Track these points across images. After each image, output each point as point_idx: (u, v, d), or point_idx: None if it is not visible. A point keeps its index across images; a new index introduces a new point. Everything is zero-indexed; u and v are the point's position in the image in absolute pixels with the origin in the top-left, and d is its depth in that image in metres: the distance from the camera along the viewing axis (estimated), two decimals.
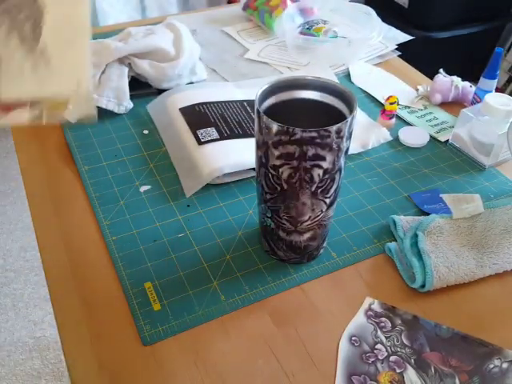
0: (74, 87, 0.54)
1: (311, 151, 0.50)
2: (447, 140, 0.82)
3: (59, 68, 0.52)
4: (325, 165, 0.51)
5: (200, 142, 0.74)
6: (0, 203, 1.93)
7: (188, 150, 0.74)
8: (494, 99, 0.74)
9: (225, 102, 0.83)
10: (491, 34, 2.14)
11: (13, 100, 0.52)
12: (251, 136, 0.76)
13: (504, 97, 0.75)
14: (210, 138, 0.75)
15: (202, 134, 0.76)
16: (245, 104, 0.83)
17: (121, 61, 0.87)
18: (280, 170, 0.52)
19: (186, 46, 0.91)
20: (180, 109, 0.81)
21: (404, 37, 1.12)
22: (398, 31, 1.14)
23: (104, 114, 0.85)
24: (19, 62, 0.50)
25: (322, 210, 0.56)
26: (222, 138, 0.75)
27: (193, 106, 0.82)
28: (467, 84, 0.90)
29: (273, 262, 0.62)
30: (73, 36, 0.52)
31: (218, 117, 0.79)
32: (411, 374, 0.51)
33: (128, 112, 0.87)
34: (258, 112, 0.51)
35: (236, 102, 0.83)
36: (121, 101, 0.85)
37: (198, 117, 0.79)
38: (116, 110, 0.85)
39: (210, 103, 0.81)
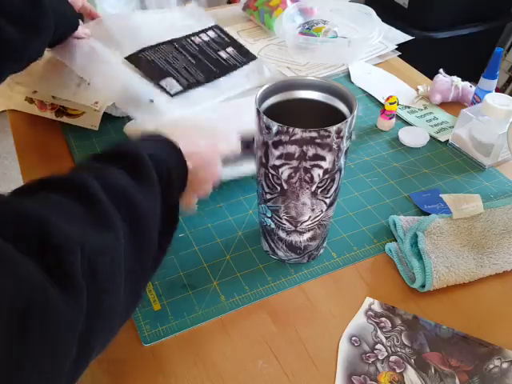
0: (94, 105, 0.80)
1: (311, 151, 0.50)
2: (447, 140, 0.82)
3: (93, 90, 0.80)
4: (325, 165, 0.51)
5: (171, 95, 0.74)
6: None
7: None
8: (494, 99, 0.74)
9: (156, 45, 0.81)
10: (491, 34, 2.13)
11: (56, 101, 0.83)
12: (210, 80, 0.77)
13: (504, 97, 0.75)
14: (176, 90, 0.74)
15: (166, 85, 0.75)
16: (175, 45, 0.82)
17: None
18: (280, 170, 0.52)
19: None
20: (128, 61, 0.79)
21: (404, 37, 1.12)
22: (398, 31, 1.14)
23: (104, 114, 0.84)
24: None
25: (322, 210, 0.56)
26: (188, 87, 0.75)
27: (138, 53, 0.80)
28: (467, 84, 0.90)
29: (273, 262, 0.62)
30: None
31: (165, 64, 0.79)
32: (411, 374, 0.51)
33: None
34: (258, 112, 0.51)
35: (164, 44, 0.82)
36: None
37: (150, 68, 0.78)
38: (113, 114, 0.85)
39: (150, 48, 0.80)
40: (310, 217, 0.55)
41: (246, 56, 0.83)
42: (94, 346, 0.36)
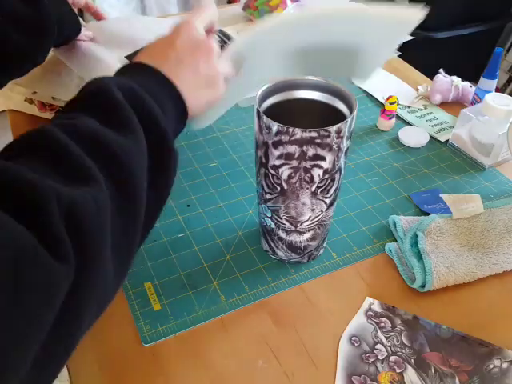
0: None
1: (311, 151, 0.50)
2: (447, 140, 0.82)
3: None
4: (325, 165, 0.51)
5: None
6: None
7: None
8: (494, 99, 0.74)
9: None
10: (491, 34, 2.13)
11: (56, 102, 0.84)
12: None
13: (504, 97, 0.75)
14: None
15: None
16: None
17: None
18: (280, 170, 0.52)
19: None
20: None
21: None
22: None
23: None
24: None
25: (322, 210, 0.56)
26: None
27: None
28: (467, 84, 0.90)
29: (273, 262, 0.62)
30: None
31: None
32: (411, 374, 0.51)
33: None
34: (258, 112, 0.51)
35: None
36: None
37: None
38: None
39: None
40: (310, 217, 0.55)
41: None
42: (84, 313, 0.34)
